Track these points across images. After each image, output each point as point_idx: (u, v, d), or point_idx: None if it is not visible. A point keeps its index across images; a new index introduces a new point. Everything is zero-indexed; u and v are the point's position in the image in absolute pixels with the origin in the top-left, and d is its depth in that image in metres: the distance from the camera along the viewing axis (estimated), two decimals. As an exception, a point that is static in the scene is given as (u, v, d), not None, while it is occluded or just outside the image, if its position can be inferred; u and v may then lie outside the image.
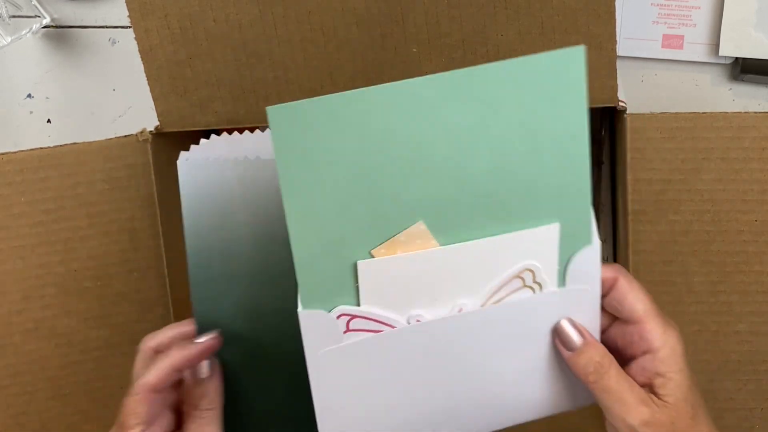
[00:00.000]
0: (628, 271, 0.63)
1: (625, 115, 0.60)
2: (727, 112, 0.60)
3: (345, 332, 0.48)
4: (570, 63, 0.44)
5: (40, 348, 0.63)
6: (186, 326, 0.52)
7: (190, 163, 0.51)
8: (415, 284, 0.47)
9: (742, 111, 0.60)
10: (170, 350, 0.50)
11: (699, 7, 0.73)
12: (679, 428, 0.48)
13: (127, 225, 0.63)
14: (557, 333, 0.49)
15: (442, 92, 0.44)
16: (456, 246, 0.47)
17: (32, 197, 0.61)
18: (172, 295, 0.65)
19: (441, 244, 0.47)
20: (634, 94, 0.76)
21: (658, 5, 0.74)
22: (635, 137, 0.60)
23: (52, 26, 0.77)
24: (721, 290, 0.63)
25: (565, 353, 0.49)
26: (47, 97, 0.79)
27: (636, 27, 0.74)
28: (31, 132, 0.79)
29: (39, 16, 0.75)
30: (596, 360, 0.48)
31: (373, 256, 0.46)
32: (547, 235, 0.47)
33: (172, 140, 0.63)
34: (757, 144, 0.60)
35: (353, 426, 0.50)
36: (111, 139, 0.62)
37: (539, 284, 0.49)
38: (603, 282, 0.49)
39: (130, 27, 0.58)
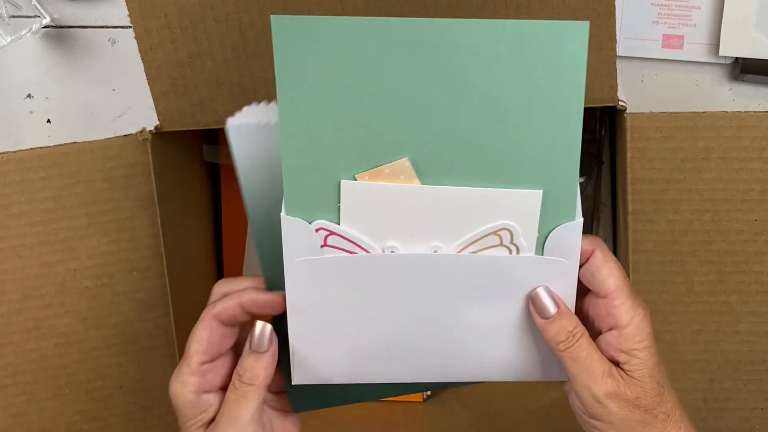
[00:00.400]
0: (628, 271, 0.63)
1: (625, 115, 0.60)
2: (727, 112, 0.60)
3: (322, 246, 0.49)
4: (573, 35, 0.45)
5: (39, 347, 0.63)
6: (258, 281, 0.52)
7: (240, 129, 0.51)
8: (394, 217, 0.49)
9: (742, 111, 0.60)
10: (241, 291, 0.51)
11: (699, 7, 0.73)
12: (644, 404, 0.48)
13: (127, 224, 0.63)
14: (532, 300, 0.49)
15: (446, 36, 0.45)
16: (438, 188, 0.48)
17: (32, 197, 0.61)
18: (171, 295, 0.65)
19: (422, 184, 0.48)
20: (634, 94, 0.76)
21: (658, 5, 0.74)
22: (635, 137, 0.60)
23: (52, 26, 0.77)
24: (721, 290, 0.63)
25: (539, 320, 0.49)
26: (47, 97, 0.79)
27: (636, 27, 0.74)
28: (31, 132, 0.79)
29: (39, 16, 0.75)
30: (568, 329, 0.49)
31: (356, 179, 0.48)
32: (529, 199, 0.48)
33: (172, 140, 0.63)
34: (757, 144, 0.60)
35: (320, 340, 0.52)
36: (111, 138, 0.62)
37: (516, 246, 0.49)
38: (580, 253, 0.49)
39: (130, 27, 0.58)
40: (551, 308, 0.49)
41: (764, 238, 0.61)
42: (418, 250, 0.49)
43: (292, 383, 0.53)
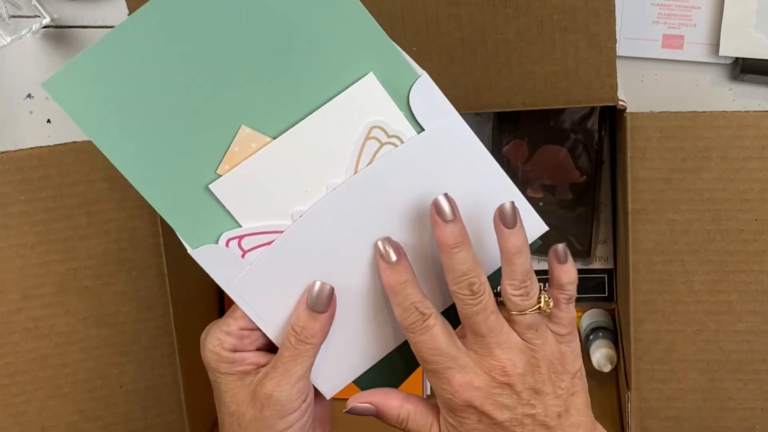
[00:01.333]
0: (628, 270, 0.63)
1: (625, 114, 0.60)
2: (726, 112, 0.60)
3: (243, 255, 0.48)
4: None
5: (39, 347, 0.63)
6: None
7: None
8: (278, 185, 0.48)
9: (742, 111, 0.60)
10: None
11: (699, 7, 0.73)
12: None
13: (127, 224, 0.63)
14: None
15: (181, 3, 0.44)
16: (288, 133, 0.47)
17: (32, 196, 0.61)
18: (171, 294, 0.65)
19: (274, 138, 0.47)
20: (634, 94, 0.76)
21: (658, 5, 0.74)
22: (635, 136, 0.60)
23: (52, 26, 0.77)
24: (721, 290, 0.63)
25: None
26: (47, 97, 0.79)
27: (636, 27, 0.74)
28: (31, 132, 0.79)
29: (39, 16, 0.75)
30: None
31: (220, 175, 0.47)
32: (368, 87, 0.47)
33: (171, 139, 0.63)
34: (757, 143, 0.60)
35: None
36: (111, 138, 0.62)
37: (397, 137, 0.48)
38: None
39: (130, 26, 0.58)
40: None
41: (764, 237, 0.61)
42: (320, 197, 0.48)
43: (327, 398, 0.52)
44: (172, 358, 0.66)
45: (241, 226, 0.48)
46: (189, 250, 0.48)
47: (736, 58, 0.74)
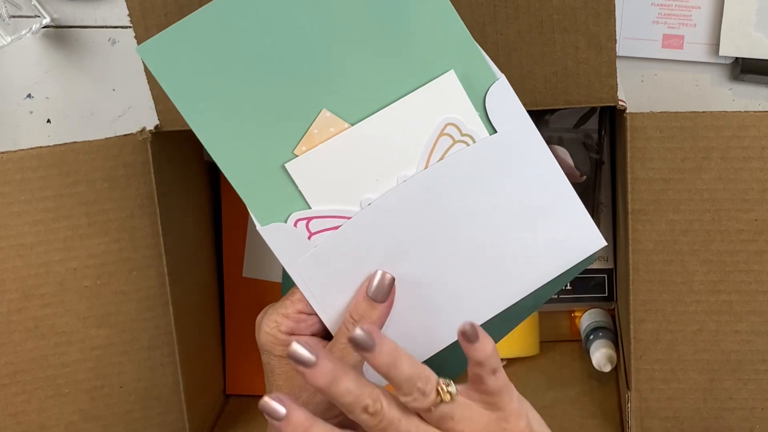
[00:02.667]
0: (628, 270, 0.63)
1: (625, 115, 0.60)
2: (727, 112, 0.60)
3: (309, 237, 0.49)
4: None
5: (39, 347, 0.63)
6: None
7: None
8: (351, 171, 0.49)
9: (742, 111, 0.60)
10: None
11: (699, 7, 0.73)
12: None
13: (127, 224, 0.63)
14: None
15: None
16: (367, 120, 0.48)
17: (32, 196, 0.61)
18: (171, 294, 0.65)
19: (352, 124, 0.48)
20: (634, 94, 0.76)
21: (658, 5, 0.74)
22: (635, 136, 0.60)
23: (52, 26, 0.77)
24: (721, 290, 0.63)
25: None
26: (47, 97, 0.79)
27: (636, 27, 0.74)
28: (31, 132, 0.79)
29: (39, 16, 0.75)
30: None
31: (296, 155, 0.48)
32: (448, 84, 0.49)
33: (172, 139, 0.63)
34: (757, 143, 0.60)
35: None
36: (111, 138, 0.62)
37: (470, 136, 0.49)
38: None
39: (130, 27, 0.58)
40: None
41: (764, 237, 0.61)
42: (390, 188, 0.49)
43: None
44: (172, 358, 0.66)
45: (311, 208, 0.49)
46: (258, 227, 0.49)
47: (736, 58, 0.74)
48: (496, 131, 0.49)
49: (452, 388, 0.45)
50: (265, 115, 0.47)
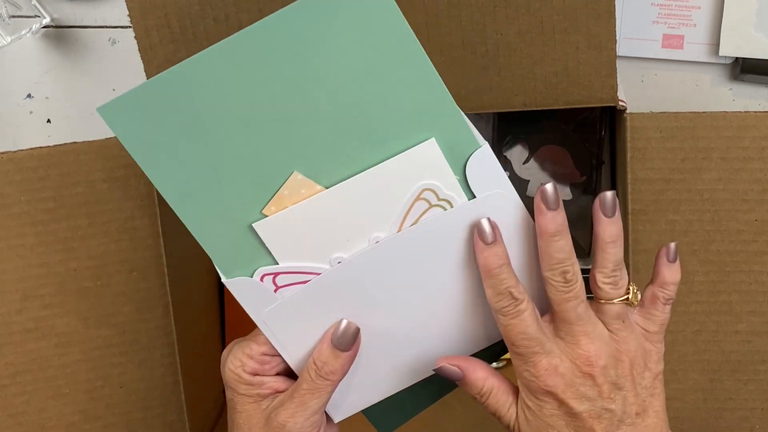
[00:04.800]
0: (629, 270, 0.63)
1: (625, 115, 0.60)
2: (727, 112, 0.60)
3: (275, 290, 0.49)
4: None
5: (39, 347, 0.63)
6: None
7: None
8: (322, 230, 0.48)
9: (742, 111, 0.60)
10: None
11: (699, 7, 0.73)
12: None
13: (127, 224, 0.63)
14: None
15: (260, 44, 0.44)
16: (341, 185, 0.47)
17: (32, 196, 0.61)
18: (171, 295, 0.65)
19: (326, 187, 0.47)
20: (634, 94, 0.76)
21: (658, 5, 0.74)
22: (635, 137, 0.60)
23: (52, 26, 0.77)
24: (721, 290, 0.63)
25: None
26: (47, 97, 0.79)
27: (636, 27, 0.74)
28: (31, 132, 0.79)
29: (39, 16, 0.75)
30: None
31: (265, 215, 0.47)
32: (428, 152, 0.47)
33: (172, 140, 0.63)
34: (757, 144, 0.60)
35: None
36: (111, 138, 0.62)
37: (447, 201, 0.49)
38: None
39: (130, 27, 0.58)
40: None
41: (764, 238, 0.61)
42: (362, 248, 0.49)
43: (335, 421, 0.53)
44: (172, 358, 0.66)
45: (278, 264, 0.48)
46: (223, 279, 0.49)
47: (736, 58, 0.74)
48: (474, 197, 0.49)
49: (639, 294, 0.49)
50: (233, 174, 0.46)
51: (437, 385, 0.55)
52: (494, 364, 0.78)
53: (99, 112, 0.44)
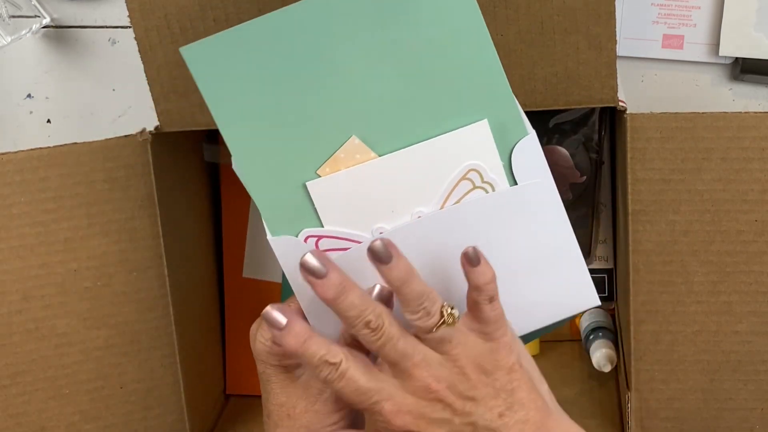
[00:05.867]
0: (628, 271, 0.63)
1: (625, 115, 0.60)
2: (727, 112, 0.60)
3: None
4: None
5: (39, 348, 0.63)
6: None
7: None
8: (369, 198, 0.50)
9: (742, 111, 0.60)
10: None
11: (699, 7, 0.73)
12: None
13: (127, 225, 0.63)
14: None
15: (341, 8, 0.46)
16: (394, 154, 0.49)
17: (32, 197, 0.61)
18: (171, 295, 0.65)
19: (379, 155, 0.49)
20: (634, 94, 0.76)
21: (658, 5, 0.74)
22: (635, 137, 0.60)
23: (52, 26, 0.77)
24: (721, 290, 0.63)
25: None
26: (47, 97, 0.79)
27: (636, 27, 0.74)
28: (31, 132, 0.79)
29: (39, 16, 0.75)
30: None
31: (319, 176, 0.49)
32: (479, 132, 0.49)
33: (172, 140, 0.63)
34: (757, 144, 0.60)
35: None
36: (111, 139, 0.62)
37: (489, 184, 0.50)
38: None
39: (130, 27, 0.58)
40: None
41: (764, 238, 0.61)
42: (404, 221, 0.50)
43: None
44: (172, 359, 0.66)
45: (323, 227, 0.50)
46: (268, 236, 0.49)
47: (736, 58, 0.74)
48: (516, 183, 0.50)
49: (455, 312, 0.47)
50: (296, 132, 0.48)
51: None
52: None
53: (181, 52, 0.46)
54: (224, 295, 0.79)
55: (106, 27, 0.77)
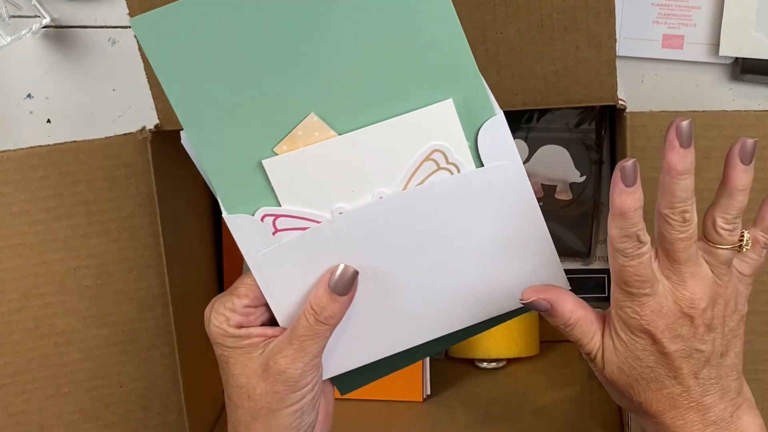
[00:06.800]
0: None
1: (625, 114, 0.60)
2: (727, 111, 0.60)
3: (274, 233, 0.49)
4: None
5: (39, 346, 0.63)
6: None
7: None
8: (328, 178, 0.48)
9: (742, 111, 0.60)
10: None
11: (699, 7, 0.73)
12: None
13: (127, 223, 0.63)
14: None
15: None
16: (354, 133, 0.47)
17: (32, 195, 0.61)
18: (171, 294, 0.65)
19: (340, 134, 0.48)
20: (635, 95, 0.76)
21: (658, 5, 0.74)
22: (635, 136, 0.60)
23: (52, 26, 0.77)
24: (722, 290, 0.63)
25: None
26: (47, 97, 0.79)
27: (636, 27, 0.74)
28: (31, 132, 0.79)
29: (39, 16, 0.75)
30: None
31: (276, 154, 0.48)
32: (444, 112, 0.47)
33: (172, 139, 0.63)
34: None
35: None
36: (111, 137, 0.62)
37: (455, 165, 0.49)
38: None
39: (130, 27, 0.58)
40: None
41: (764, 237, 0.61)
42: (364, 201, 0.49)
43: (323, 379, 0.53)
44: (172, 358, 0.66)
45: (280, 206, 0.49)
46: (224, 214, 0.49)
47: (736, 58, 0.74)
48: (482, 165, 0.49)
49: (749, 244, 0.49)
50: (252, 107, 0.47)
51: (407, 355, 0.55)
52: (492, 365, 0.79)
53: (131, 23, 0.44)
54: (224, 295, 0.78)
55: (106, 27, 0.77)
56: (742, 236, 0.49)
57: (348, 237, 0.49)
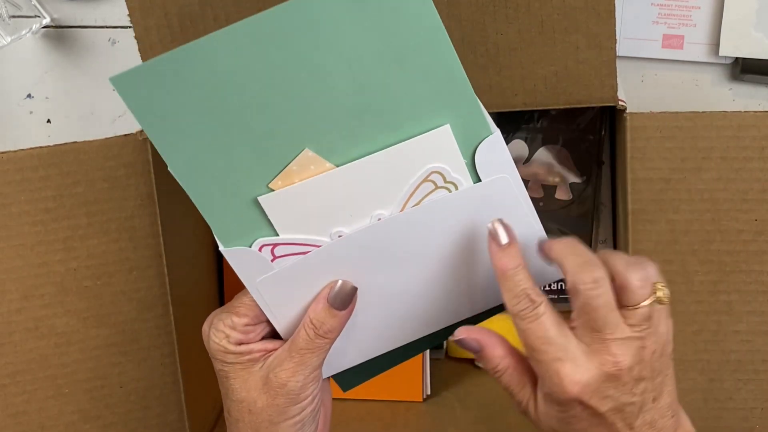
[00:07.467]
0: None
1: (625, 114, 0.60)
2: (727, 111, 0.60)
3: (273, 260, 0.49)
4: None
5: (39, 347, 0.63)
6: None
7: None
8: (326, 207, 0.48)
9: (742, 111, 0.60)
10: None
11: (699, 7, 0.73)
12: None
13: (127, 224, 0.63)
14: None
15: (289, 20, 0.43)
16: (351, 164, 0.47)
17: (32, 196, 0.61)
18: (171, 294, 0.65)
19: (336, 165, 0.47)
20: (635, 94, 0.76)
21: (658, 5, 0.74)
22: (635, 136, 0.60)
23: (52, 26, 0.77)
24: (721, 290, 0.63)
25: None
26: (47, 97, 0.79)
27: (636, 27, 0.74)
28: (31, 132, 0.79)
29: (39, 16, 0.75)
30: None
31: (272, 189, 0.47)
32: (441, 137, 0.47)
33: (171, 139, 0.63)
34: (757, 143, 0.60)
35: None
36: (111, 137, 0.62)
37: (453, 184, 0.49)
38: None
39: (130, 27, 0.58)
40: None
41: (764, 237, 0.61)
42: (363, 224, 0.49)
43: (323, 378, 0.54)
44: (172, 358, 0.66)
45: (278, 236, 0.49)
46: (221, 248, 0.49)
47: (736, 58, 0.74)
48: (480, 180, 0.49)
49: (667, 291, 0.48)
50: (244, 147, 0.46)
51: (401, 352, 0.55)
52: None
53: (111, 82, 0.43)
54: (224, 295, 0.78)
55: (106, 27, 0.77)
56: (657, 289, 0.47)
57: (347, 257, 0.49)
